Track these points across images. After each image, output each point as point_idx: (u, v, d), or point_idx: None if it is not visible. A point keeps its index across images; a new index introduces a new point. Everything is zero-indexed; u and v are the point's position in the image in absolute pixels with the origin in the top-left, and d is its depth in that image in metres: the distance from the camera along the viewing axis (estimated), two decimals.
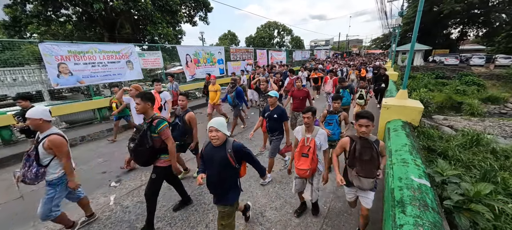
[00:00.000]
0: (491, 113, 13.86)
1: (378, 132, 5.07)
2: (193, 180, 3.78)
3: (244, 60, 14.02)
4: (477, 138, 5.41)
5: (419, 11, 4.42)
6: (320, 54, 30.83)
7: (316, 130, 2.52)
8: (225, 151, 1.96)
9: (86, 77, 6.78)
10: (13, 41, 6.92)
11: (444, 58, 25.12)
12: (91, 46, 6.89)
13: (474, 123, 10.52)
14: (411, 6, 28.60)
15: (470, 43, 37.80)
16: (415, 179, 2.31)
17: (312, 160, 2.43)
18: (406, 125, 4.23)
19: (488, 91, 17.63)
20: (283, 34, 50.47)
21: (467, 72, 20.83)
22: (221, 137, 1.94)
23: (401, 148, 3.15)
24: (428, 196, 2.05)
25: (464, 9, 25.86)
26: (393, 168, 2.70)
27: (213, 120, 1.94)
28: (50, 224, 2.89)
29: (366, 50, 56.79)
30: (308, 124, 2.49)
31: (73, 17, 13.91)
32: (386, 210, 2.26)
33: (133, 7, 12.35)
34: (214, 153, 2.00)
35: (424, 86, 17.59)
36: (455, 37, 33.21)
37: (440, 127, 8.62)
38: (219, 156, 1.97)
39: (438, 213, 1.86)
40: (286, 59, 19.10)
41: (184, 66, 10.21)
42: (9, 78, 8.67)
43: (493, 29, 28.10)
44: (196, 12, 17.93)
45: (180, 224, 2.81)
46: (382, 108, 4.93)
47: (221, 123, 1.96)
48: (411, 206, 1.90)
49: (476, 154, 4.76)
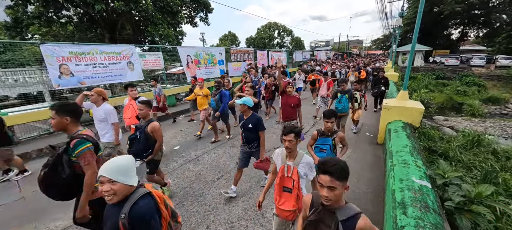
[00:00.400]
0: (492, 114, 13.85)
1: (379, 133, 5.08)
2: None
3: (244, 61, 14.03)
4: (478, 139, 5.42)
5: (419, 12, 4.43)
6: (321, 55, 30.84)
7: (300, 157, 1.93)
8: (118, 216, 1.20)
9: (87, 78, 6.79)
10: (14, 42, 6.93)
11: (444, 58, 25.10)
12: (92, 47, 6.91)
13: (475, 124, 10.51)
14: (412, 7, 28.62)
15: (470, 44, 37.77)
16: (416, 181, 2.31)
17: (297, 197, 1.84)
18: (407, 126, 4.23)
19: (489, 91, 17.62)
20: (283, 35, 50.52)
21: (468, 73, 20.81)
22: (120, 190, 1.21)
23: (402, 149, 3.16)
24: (429, 197, 2.05)
25: (465, 10, 25.86)
26: (394, 169, 2.70)
27: (107, 164, 1.24)
28: (51, 224, 2.90)
29: (367, 50, 56.78)
30: (290, 149, 1.91)
31: (74, 18, 13.94)
32: (387, 212, 2.26)
33: (134, 8, 12.37)
34: (108, 215, 1.30)
35: (424, 87, 17.59)
36: (456, 37, 33.21)
37: (441, 127, 8.62)
38: (111, 222, 1.25)
39: (439, 215, 1.87)
40: (286, 59, 19.11)
41: (184, 67, 10.22)
42: (10, 79, 8.70)
43: (494, 29, 28.09)
44: (196, 13, 17.95)
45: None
46: (383, 109, 4.94)
47: (120, 168, 1.23)
48: (412, 208, 1.90)
49: (477, 155, 4.77)
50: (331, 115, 2.77)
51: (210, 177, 3.93)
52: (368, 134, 5.84)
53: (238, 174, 3.26)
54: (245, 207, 3.09)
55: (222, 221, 2.86)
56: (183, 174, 4.02)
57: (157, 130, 2.84)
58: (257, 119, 3.01)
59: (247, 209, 3.05)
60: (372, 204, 3.10)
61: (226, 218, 2.90)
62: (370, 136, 5.66)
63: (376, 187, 3.48)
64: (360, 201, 3.17)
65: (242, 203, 3.19)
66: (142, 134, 2.79)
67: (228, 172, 4.03)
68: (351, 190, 3.43)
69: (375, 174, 3.86)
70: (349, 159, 4.46)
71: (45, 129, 6.52)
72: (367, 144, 5.20)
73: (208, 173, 4.05)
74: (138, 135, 2.82)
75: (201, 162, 4.52)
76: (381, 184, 3.55)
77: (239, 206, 3.13)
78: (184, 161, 4.55)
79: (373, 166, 4.17)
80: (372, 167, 4.13)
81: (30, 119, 5.90)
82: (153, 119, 2.92)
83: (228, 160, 4.53)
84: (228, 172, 4.06)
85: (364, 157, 4.55)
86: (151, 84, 15.51)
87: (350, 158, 4.50)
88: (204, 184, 3.70)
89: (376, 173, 3.89)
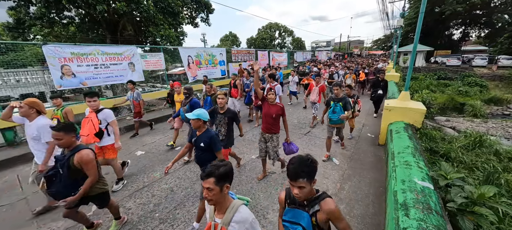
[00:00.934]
0: (494, 114, 13.78)
1: (380, 134, 5.06)
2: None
3: (245, 62, 14.05)
4: (480, 140, 5.40)
5: (421, 12, 4.42)
6: (322, 55, 30.77)
7: (232, 211, 1.36)
8: None
9: (88, 79, 6.82)
10: (17, 43, 6.97)
11: (446, 59, 25.05)
12: (94, 48, 6.93)
13: (477, 125, 10.47)
14: (413, 7, 28.59)
15: (472, 44, 37.67)
16: (418, 182, 2.30)
17: None
18: (409, 127, 4.22)
19: (491, 92, 17.55)
20: (284, 35, 50.57)
21: (470, 73, 20.75)
22: None
23: (403, 150, 3.15)
24: (431, 199, 2.04)
25: (466, 10, 25.82)
26: (396, 170, 2.69)
27: None
28: (53, 224, 2.91)
29: (368, 51, 56.69)
30: (212, 201, 1.34)
31: (76, 19, 14.02)
32: (389, 213, 2.25)
33: (136, 9, 12.43)
34: None
35: (426, 87, 17.55)
36: (457, 38, 33.13)
37: (442, 128, 8.58)
38: None
39: (442, 217, 1.86)
40: (287, 60, 19.11)
41: (186, 67, 10.24)
42: (12, 80, 8.76)
43: (496, 30, 28.03)
44: (197, 13, 18.01)
45: (182, 226, 2.81)
46: (384, 110, 4.92)
47: None
48: (414, 209, 1.89)
49: (479, 155, 4.75)
50: (297, 176, 1.31)
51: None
52: (369, 134, 5.82)
53: (201, 207, 2.68)
54: None
55: None
56: (184, 175, 4.02)
57: (86, 161, 2.15)
58: (211, 136, 2.45)
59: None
60: (374, 205, 3.09)
61: None
62: (372, 137, 5.64)
63: (377, 188, 3.47)
64: (362, 202, 3.16)
65: None
66: (65, 168, 2.12)
67: None
68: (353, 191, 3.43)
69: (376, 175, 3.85)
70: (350, 160, 4.45)
71: None
72: (368, 145, 5.19)
73: None
74: (60, 170, 2.14)
75: None
76: (383, 185, 3.54)
77: None
78: (186, 161, 4.55)
79: (374, 167, 4.16)
80: (374, 168, 4.12)
81: None
82: (81, 147, 2.24)
83: (231, 159, 4.52)
84: None
85: (365, 158, 4.54)
86: (151, 84, 15.57)
87: (352, 159, 4.50)
88: None
89: (378, 174, 3.88)
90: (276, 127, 3.55)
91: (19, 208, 3.28)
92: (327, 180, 3.73)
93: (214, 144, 2.47)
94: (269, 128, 3.52)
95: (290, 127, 5.94)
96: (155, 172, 4.18)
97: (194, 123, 2.44)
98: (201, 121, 2.45)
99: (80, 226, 2.86)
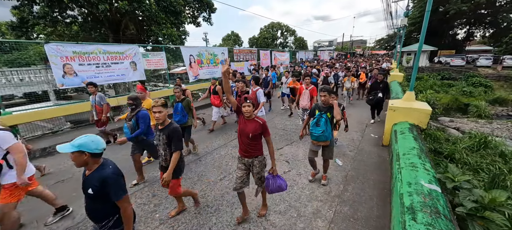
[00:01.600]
0: (499, 115, 13.58)
1: (384, 135, 4.99)
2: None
3: (247, 61, 14.00)
4: (485, 141, 5.29)
5: (427, 11, 4.33)
6: (324, 55, 30.56)
7: None
8: None
9: (90, 78, 6.80)
10: (20, 42, 6.98)
11: (450, 59, 24.81)
12: (96, 46, 6.93)
13: (481, 125, 10.31)
14: (416, 7, 28.33)
15: (476, 44, 37.23)
16: (425, 185, 2.24)
17: None
18: (414, 128, 4.14)
19: (496, 92, 17.31)
20: (286, 35, 50.42)
21: (474, 73, 20.50)
22: None
23: (409, 151, 3.08)
24: (439, 202, 1.98)
25: (471, 9, 25.54)
26: (401, 172, 2.63)
27: None
28: (52, 224, 2.89)
29: (370, 50, 56.31)
30: None
31: (79, 18, 14.08)
32: (394, 216, 2.19)
33: (138, 8, 12.45)
34: None
35: (430, 88, 17.36)
36: (462, 37, 32.77)
37: (446, 129, 8.45)
38: None
39: (451, 221, 1.80)
40: (289, 59, 19.03)
41: (187, 66, 10.22)
42: (16, 78, 8.81)
43: (501, 29, 27.69)
44: (199, 13, 18.01)
45: (183, 227, 2.78)
46: (388, 110, 4.84)
47: None
48: (422, 213, 1.84)
49: (484, 157, 4.65)
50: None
51: (212, 178, 3.89)
52: (372, 135, 5.75)
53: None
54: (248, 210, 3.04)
55: (225, 223, 2.82)
56: (185, 175, 3.98)
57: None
58: (105, 176, 1.61)
59: (250, 211, 3.00)
60: (378, 208, 3.02)
61: (228, 221, 2.86)
62: (375, 138, 5.57)
63: (382, 190, 3.41)
64: (366, 204, 3.10)
65: None
66: None
67: (231, 174, 3.99)
68: (356, 193, 3.37)
69: (380, 177, 3.78)
70: (353, 161, 4.39)
71: (49, 128, 6.57)
72: (371, 145, 5.12)
73: (211, 174, 4.01)
74: None
75: (203, 162, 4.48)
76: (387, 187, 3.47)
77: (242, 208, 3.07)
78: (187, 161, 4.52)
79: (378, 168, 4.09)
80: (378, 169, 4.05)
81: (34, 118, 5.93)
82: None
83: (230, 161, 4.49)
84: (231, 173, 4.01)
85: (369, 159, 4.47)
86: (154, 83, 15.54)
87: (355, 159, 4.43)
88: (207, 185, 3.67)
89: (382, 176, 3.81)
90: (257, 149, 2.57)
91: (20, 207, 3.26)
92: (330, 181, 3.67)
93: (110, 190, 1.60)
94: (247, 150, 2.56)
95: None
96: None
97: (74, 158, 1.55)
98: (87, 155, 1.56)
99: (80, 226, 2.84)
